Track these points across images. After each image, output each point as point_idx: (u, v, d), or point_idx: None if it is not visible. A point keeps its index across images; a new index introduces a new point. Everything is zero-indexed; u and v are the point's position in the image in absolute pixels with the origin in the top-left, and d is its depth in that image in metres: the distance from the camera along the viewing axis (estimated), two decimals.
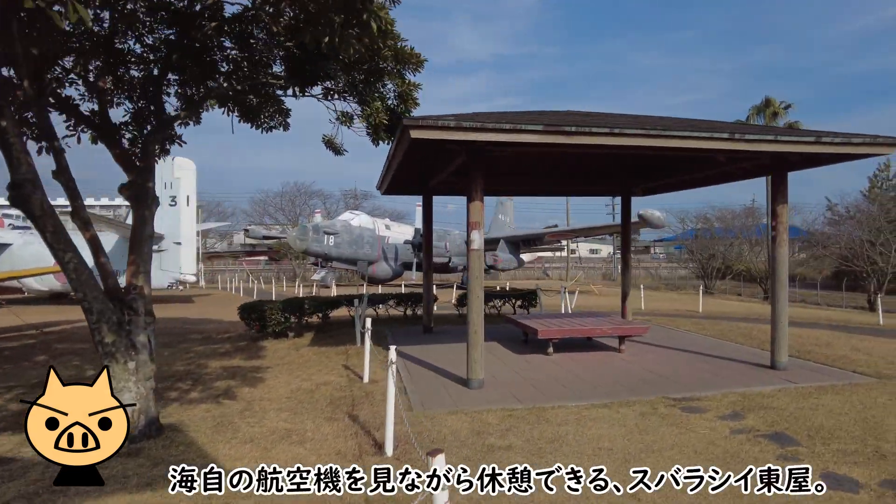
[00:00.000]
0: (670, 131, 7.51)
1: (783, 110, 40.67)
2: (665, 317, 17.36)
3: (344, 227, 34.21)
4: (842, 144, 8.14)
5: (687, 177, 11.79)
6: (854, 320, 17.12)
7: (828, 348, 10.84)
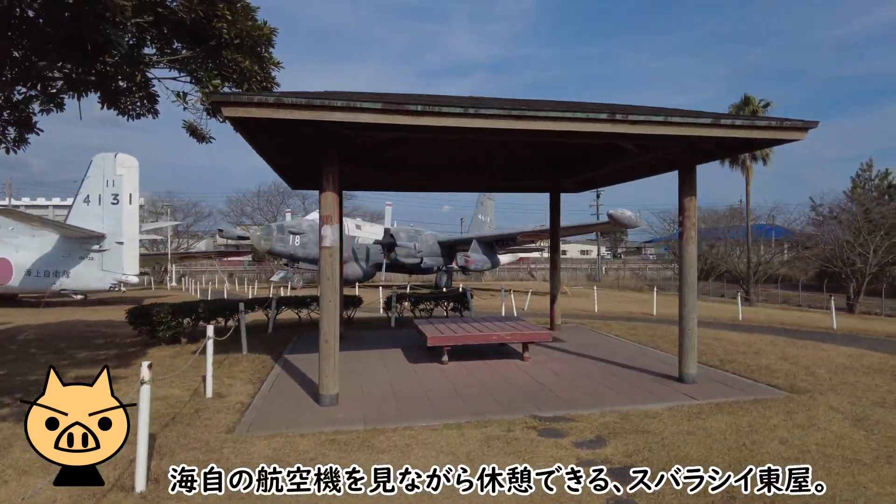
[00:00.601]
0: (537, 112, 6.45)
1: (762, 108, 39.48)
2: (613, 320, 16.28)
3: (311, 226, 33.16)
4: (744, 128, 7.08)
5: (608, 169, 10.72)
6: (811, 324, 16.00)
7: (755, 357, 9.75)
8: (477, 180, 12.53)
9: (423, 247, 34.81)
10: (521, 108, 6.42)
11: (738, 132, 7.04)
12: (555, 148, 10.89)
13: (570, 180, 12.30)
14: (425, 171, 12.16)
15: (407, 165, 11.89)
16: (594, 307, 19.64)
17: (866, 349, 11.39)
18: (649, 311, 20.17)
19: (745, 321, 16.61)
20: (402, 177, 12.29)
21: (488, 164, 11.81)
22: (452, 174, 12.40)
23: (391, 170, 11.77)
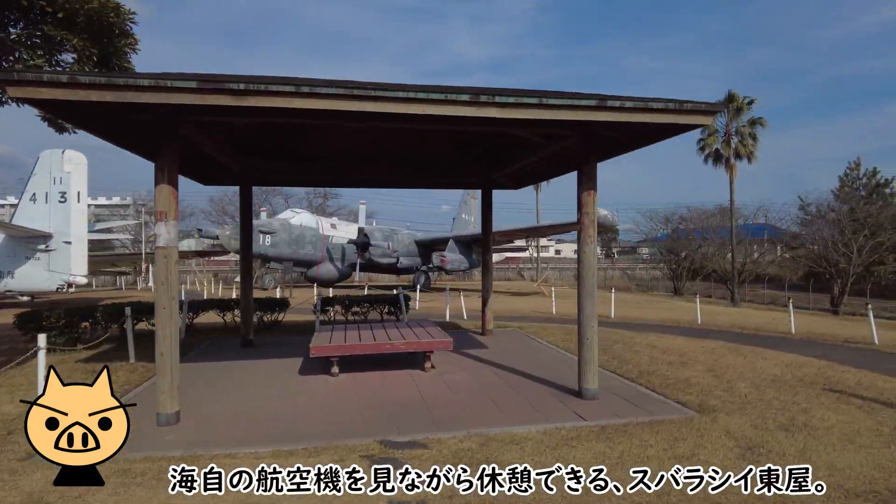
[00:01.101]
0: (385, 92, 5.56)
1: (747, 105, 38.46)
2: (564, 323, 15.36)
3: (282, 226, 32.32)
4: (636, 111, 6.16)
5: (529, 162, 9.80)
6: (772, 328, 15.03)
7: (680, 368, 8.83)
8: (406, 174, 11.63)
9: (399, 246, 33.93)
10: (366, 88, 5.53)
11: (628, 116, 6.13)
12: (469, 139, 9.99)
13: (500, 175, 11.39)
14: (344, 163, 11.26)
15: (323, 157, 11.01)
16: (552, 309, 18.72)
17: (815, 357, 10.47)
18: (620, 313, 19.24)
19: (703, 324, 15.67)
20: (319, 170, 11.40)
21: (419, 158, 10.90)
22: (378, 167, 11.48)
23: (303, 163, 10.89)
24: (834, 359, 10.42)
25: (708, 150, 39.77)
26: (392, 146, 10.39)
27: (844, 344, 12.45)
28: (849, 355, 10.95)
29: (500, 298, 28.29)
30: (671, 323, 16.11)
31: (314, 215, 35.29)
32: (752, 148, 38.57)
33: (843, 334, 13.66)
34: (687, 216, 55.18)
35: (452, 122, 6.30)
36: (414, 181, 12.14)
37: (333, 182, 12.50)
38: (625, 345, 10.77)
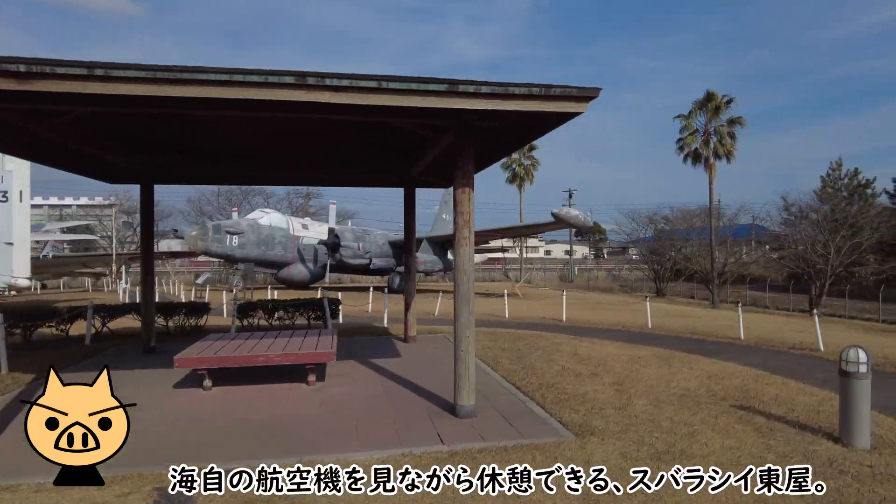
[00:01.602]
0: (195, 75, 4.83)
1: (725, 105, 37.78)
2: (510, 328, 14.65)
3: (250, 226, 31.54)
4: (492, 97, 5.44)
5: (433, 157, 9.06)
6: (721, 333, 14.26)
7: (587, 380, 8.08)
8: (326, 172, 10.90)
9: (372, 247, 33.16)
10: (172, 71, 4.80)
11: (484, 103, 5.41)
12: (378, 133, 9.26)
13: (419, 171, 10.66)
14: (259, 160, 10.51)
15: (230, 153, 10.26)
16: (505, 313, 17.98)
17: (751, 365, 9.78)
18: (575, 315, 18.52)
19: (654, 328, 14.96)
20: (231, 168, 10.67)
21: (335, 154, 10.14)
22: (297, 164, 10.73)
23: (210, 159, 10.14)
24: (769, 367, 9.74)
25: (687, 150, 39.11)
26: (305, 142, 9.64)
27: (789, 351, 11.76)
28: (786, 363, 10.26)
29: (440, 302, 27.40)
30: (620, 327, 15.40)
31: (285, 215, 34.53)
32: (730, 147, 37.89)
33: (793, 340, 12.95)
34: (671, 216, 54.57)
35: (288, 108, 5.58)
36: (336, 179, 11.39)
37: (250, 180, 11.76)
38: (545, 352, 10.04)
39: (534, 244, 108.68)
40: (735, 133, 38.01)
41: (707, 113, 38.11)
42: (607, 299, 32.27)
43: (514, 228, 31.94)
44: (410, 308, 11.18)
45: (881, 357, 10.58)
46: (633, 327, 15.32)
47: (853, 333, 17.82)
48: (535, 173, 55.10)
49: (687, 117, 38.63)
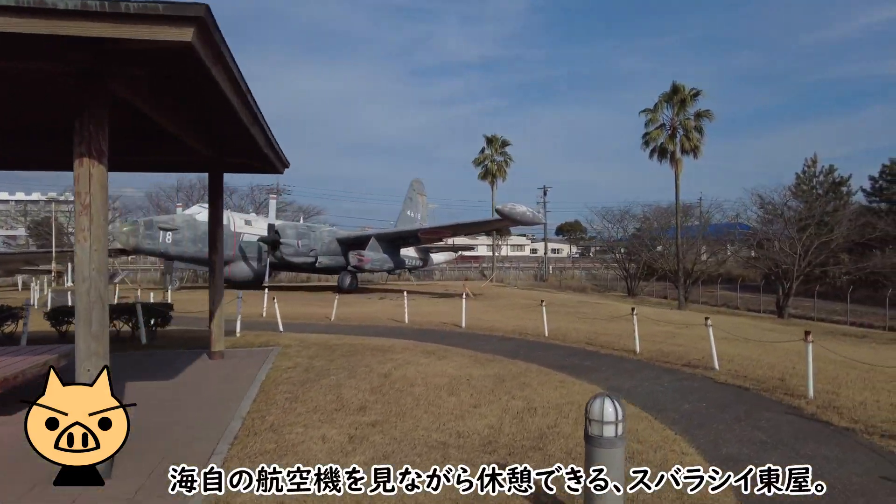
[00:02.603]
0: None
1: (692, 97, 35.59)
2: (384, 338, 12.67)
3: (186, 222, 29.58)
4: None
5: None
6: (620, 345, 12.24)
7: (339, 419, 6.02)
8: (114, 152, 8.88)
9: (317, 245, 31.11)
10: None
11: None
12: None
13: (227, 156, 8.63)
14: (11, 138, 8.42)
15: None
16: (405, 317, 15.95)
17: (614, 389, 7.80)
18: (488, 318, 16.48)
19: (551, 336, 12.93)
20: None
21: (130, 129, 8.08)
22: (28, 143, 8.44)
23: None
24: (633, 394, 7.76)
25: (653, 145, 36.96)
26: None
27: (682, 368, 9.73)
28: (662, 388, 8.24)
29: (416, 301, 25.51)
30: (517, 334, 13.37)
31: (225, 210, 32.49)
32: (697, 142, 35.72)
33: (696, 354, 10.92)
34: (649, 215, 52.49)
35: None
36: (127, 163, 9.30)
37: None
38: (349, 373, 7.93)
39: (519, 242, 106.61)
40: (702, 127, 35.84)
41: (674, 106, 35.97)
42: (561, 300, 30.18)
43: (460, 226, 29.90)
44: (215, 316, 9.11)
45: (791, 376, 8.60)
46: (531, 335, 13.30)
47: (793, 344, 15.78)
48: (507, 170, 52.92)
49: (653, 111, 36.47)
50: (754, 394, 7.99)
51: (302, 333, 12.92)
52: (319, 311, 17.59)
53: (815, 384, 8.36)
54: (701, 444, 5.79)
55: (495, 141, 52.30)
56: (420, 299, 27.56)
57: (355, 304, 22.16)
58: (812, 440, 6.00)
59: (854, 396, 7.80)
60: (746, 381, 8.71)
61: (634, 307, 11.85)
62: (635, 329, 11.31)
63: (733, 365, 9.88)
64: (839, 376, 9.32)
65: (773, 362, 10.38)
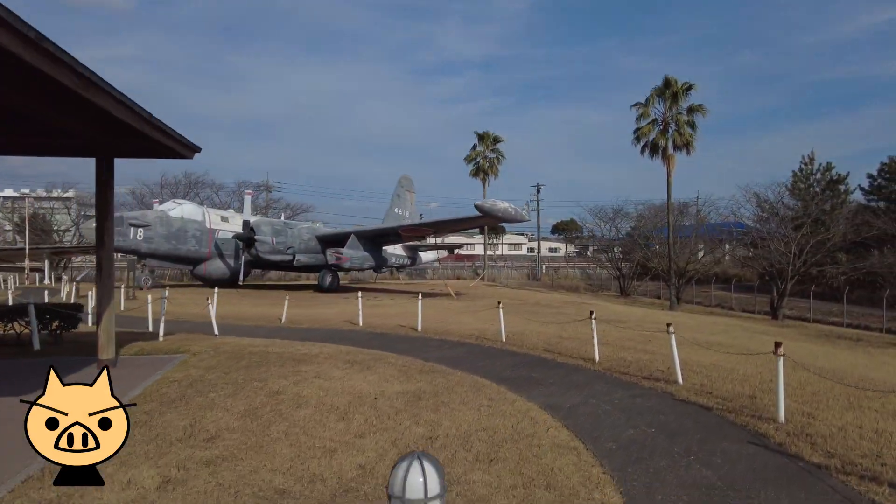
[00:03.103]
0: None
1: (684, 91, 34.15)
2: (353, 344, 11.42)
3: (159, 218, 28.36)
4: None
5: None
6: (580, 352, 10.97)
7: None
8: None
9: (295, 242, 29.86)
10: None
11: None
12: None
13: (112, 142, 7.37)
14: None
15: None
16: (359, 320, 14.68)
17: (554, 410, 6.57)
18: (452, 320, 15.19)
19: (508, 342, 11.64)
20: None
21: None
22: None
23: None
24: (572, 414, 6.51)
25: (644, 141, 35.55)
26: None
27: (641, 382, 8.44)
28: (609, 405, 6.96)
29: (393, 301, 24.20)
30: (473, 338, 12.11)
31: (201, 206, 31.34)
32: (689, 138, 34.30)
33: (662, 364, 9.64)
34: (645, 213, 51.10)
35: None
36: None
37: None
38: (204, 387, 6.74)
39: (517, 241, 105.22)
40: (695, 122, 34.42)
41: (666, 100, 34.55)
42: (548, 300, 28.84)
43: (441, 223, 28.60)
44: (103, 320, 7.85)
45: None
46: (489, 339, 12.04)
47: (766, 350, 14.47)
48: (500, 167, 51.61)
49: (644, 105, 35.04)
50: (716, 415, 6.71)
51: (235, 338, 11.70)
52: (276, 313, 16.35)
53: (792, 402, 7.10)
54: (630, 491, 4.52)
55: (487, 137, 51.02)
56: (399, 298, 26.33)
57: (320, 305, 20.93)
58: (773, 484, 4.72)
59: (833, 419, 6.50)
60: (711, 398, 7.42)
61: (593, 311, 10.55)
62: (594, 334, 10.01)
63: (701, 378, 8.59)
64: (821, 391, 8.02)
65: (748, 374, 9.08)
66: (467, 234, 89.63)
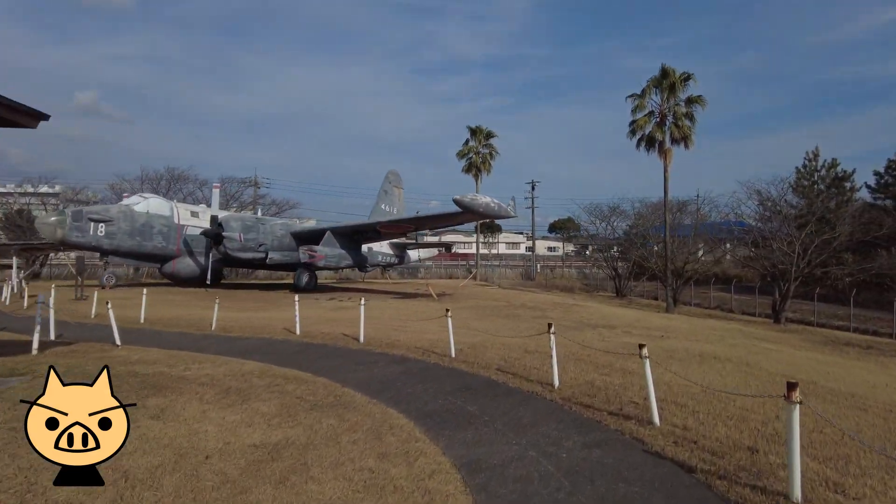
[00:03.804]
0: None
1: (682, 82, 31.87)
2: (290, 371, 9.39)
3: (122, 213, 26.35)
4: None
5: None
6: (537, 373, 8.92)
7: None
8: None
9: (267, 239, 27.83)
10: None
11: None
12: None
13: None
14: None
15: None
16: (297, 328, 12.61)
17: (448, 458, 4.51)
18: (417, 329, 13.11)
19: (463, 354, 9.57)
20: None
21: None
22: None
23: None
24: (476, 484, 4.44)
25: (640, 134, 33.35)
26: None
27: (604, 420, 6.35)
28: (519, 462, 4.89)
29: (369, 304, 22.16)
30: (420, 351, 10.06)
31: (169, 201, 29.26)
32: (688, 131, 32.05)
33: (636, 392, 7.53)
34: (642, 211, 48.84)
35: None
36: None
37: None
38: None
39: (515, 240, 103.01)
40: (693, 114, 32.17)
41: (663, 91, 32.31)
42: (536, 301, 26.71)
43: (421, 219, 26.52)
44: None
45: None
46: (437, 353, 9.96)
47: (780, 367, 12.41)
48: (492, 163, 49.45)
49: (640, 96, 32.78)
50: (701, 483, 4.62)
51: (139, 348, 9.74)
52: (225, 316, 14.27)
53: (810, 460, 5.03)
54: None
55: (479, 132, 48.87)
56: (374, 300, 24.32)
57: (275, 308, 18.90)
58: None
59: (875, 491, 4.41)
60: (696, 451, 5.33)
61: (552, 324, 8.44)
62: (553, 353, 7.91)
63: (685, 414, 6.49)
64: (844, 440, 5.89)
65: (748, 408, 6.97)
66: (464, 233, 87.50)
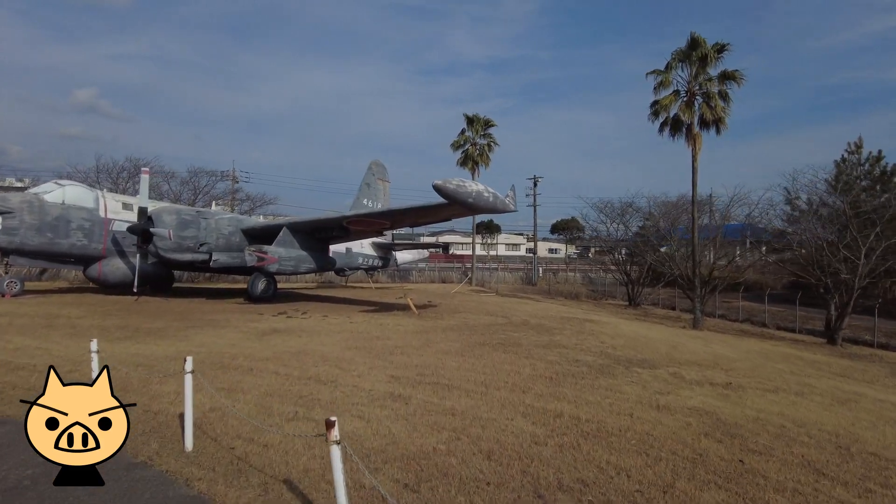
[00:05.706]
0: None
1: (715, 54, 26.18)
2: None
3: (28, 203, 20.78)
4: None
5: None
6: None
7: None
8: None
9: (210, 237, 22.24)
10: None
11: None
12: None
13: None
14: None
15: None
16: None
17: None
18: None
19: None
20: None
21: None
22: None
23: None
24: None
25: (664, 117, 27.78)
26: None
27: None
28: None
29: (326, 320, 16.44)
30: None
31: (94, 190, 23.65)
32: (721, 112, 26.30)
33: None
34: (655, 210, 43.26)
35: None
36: None
37: None
38: None
39: (515, 241, 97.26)
40: (728, 93, 26.56)
41: (691, 66, 26.71)
42: (540, 313, 21.06)
43: (396, 212, 20.90)
44: None
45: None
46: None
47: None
48: (491, 155, 43.85)
49: (664, 72, 27.06)
50: None
51: None
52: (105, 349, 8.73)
53: None
54: None
55: (477, 121, 43.25)
56: (337, 315, 18.80)
57: (167, 334, 13.26)
58: None
59: None
60: None
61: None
62: None
63: None
64: None
65: None
66: (462, 233, 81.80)
